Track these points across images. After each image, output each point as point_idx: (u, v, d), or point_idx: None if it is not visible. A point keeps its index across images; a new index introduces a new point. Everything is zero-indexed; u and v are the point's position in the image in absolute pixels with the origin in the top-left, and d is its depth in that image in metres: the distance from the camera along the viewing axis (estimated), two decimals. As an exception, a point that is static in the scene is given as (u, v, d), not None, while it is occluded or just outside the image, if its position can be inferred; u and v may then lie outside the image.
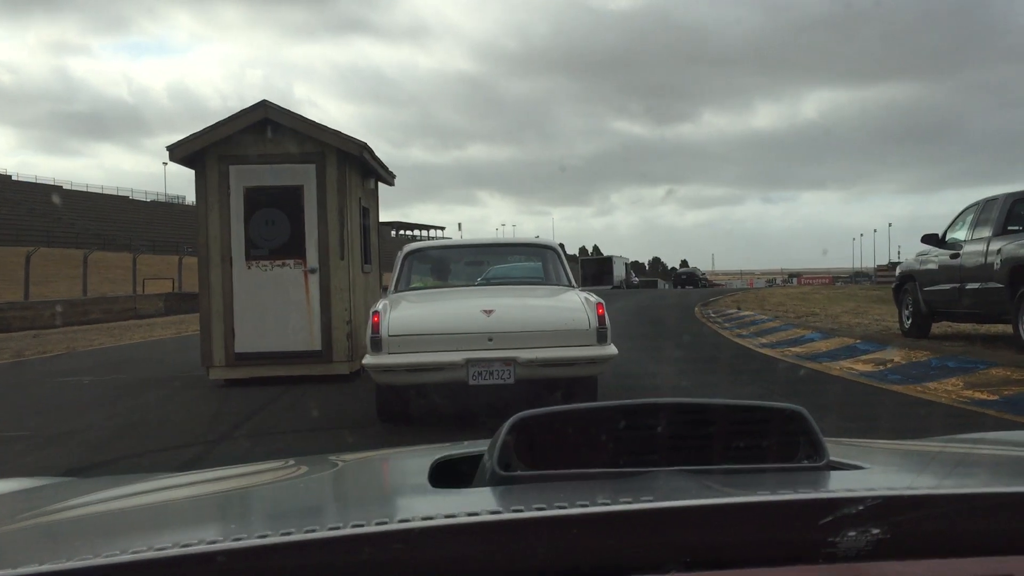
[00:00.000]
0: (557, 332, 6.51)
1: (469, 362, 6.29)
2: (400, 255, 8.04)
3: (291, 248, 10.10)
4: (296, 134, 10.00)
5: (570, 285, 7.74)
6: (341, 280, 10.13)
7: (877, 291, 43.51)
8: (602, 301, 6.89)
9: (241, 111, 9.99)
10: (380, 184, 13.33)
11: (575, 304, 6.81)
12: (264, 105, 9.93)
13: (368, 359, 6.46)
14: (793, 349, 12.55)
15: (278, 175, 10.08)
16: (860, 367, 10.07)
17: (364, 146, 10.14)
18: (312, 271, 10.10)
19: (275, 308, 10.03)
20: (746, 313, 20.93)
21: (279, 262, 10.08)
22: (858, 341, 12.02)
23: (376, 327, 6.45)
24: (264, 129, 9.99)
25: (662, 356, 12.50)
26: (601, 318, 6.57)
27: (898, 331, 13.22)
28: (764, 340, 14.36)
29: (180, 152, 9.87)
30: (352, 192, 10.54)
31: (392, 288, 7.74)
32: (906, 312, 12.39)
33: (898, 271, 13.15)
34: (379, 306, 6.86)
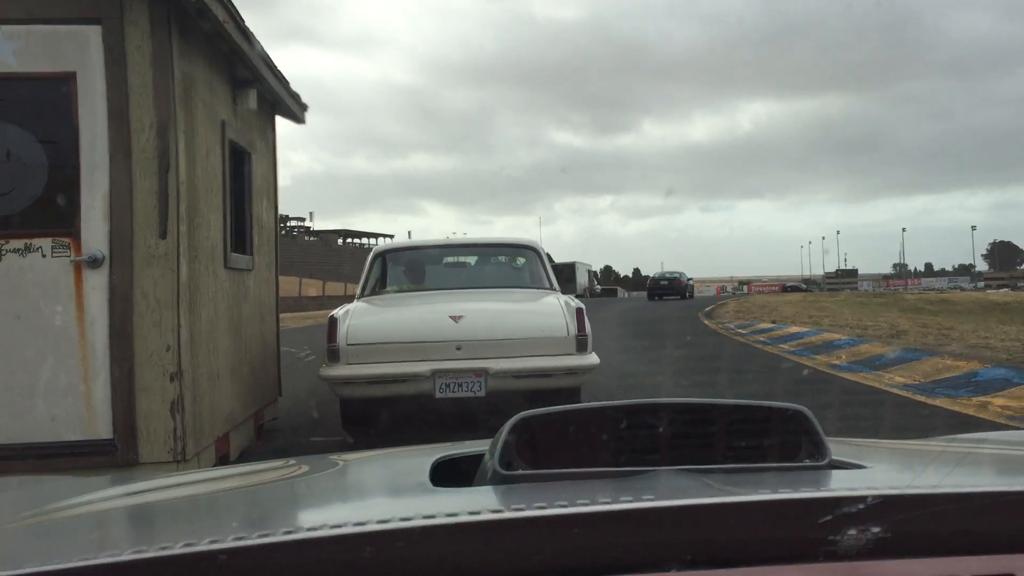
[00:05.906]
0: (532, 340, 6.09)
1: (435, 373, 5.92)
2: (369, 257, 7.72)
3: (45, 212, 4.57)
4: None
5: (551, 288, 7.20)
6: (160, 283, 4.61)
7: (879, 298, 39.02)
8: (582, 306, 6.39)
9: None
10: (284, 126, 7.83)
11: (552, 309, 6.38)
12: None
13: (325, 370, 6.12)
14: None
15: (17, 51, 4.54)
16: None
17: (211, -11, 4.62)
18: (93, 262, 4.57)
19: (4, 344, 4.49)
20: (798, 330, 15.73)
21: (17, 242, 4.54)
22: None
23: (334, 335, 6.11)
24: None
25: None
26: (581, 324, 6.16)
27: None
28: (933, 385, 9.12)
29: None
30: (199, 100, 5.04)
31: (358, 293, 7.34)
32: None
33: None
34: (339, 312, 6.41)
